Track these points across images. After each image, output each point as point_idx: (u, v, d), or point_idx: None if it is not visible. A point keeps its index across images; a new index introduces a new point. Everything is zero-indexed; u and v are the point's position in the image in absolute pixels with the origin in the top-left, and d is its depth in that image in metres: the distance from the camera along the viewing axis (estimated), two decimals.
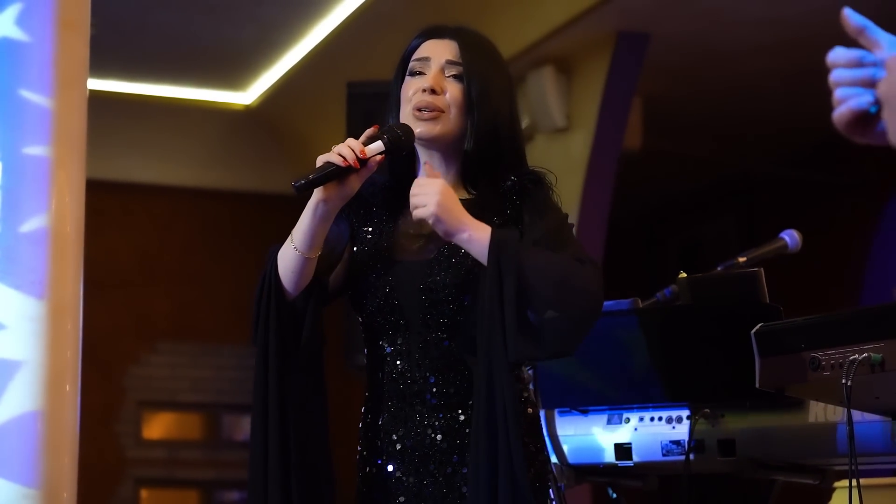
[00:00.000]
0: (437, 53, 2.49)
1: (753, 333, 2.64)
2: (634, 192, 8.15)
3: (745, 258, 3.30)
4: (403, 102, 2.48)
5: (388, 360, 2.42)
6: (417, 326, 2.39)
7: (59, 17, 2.57)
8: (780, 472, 3.05)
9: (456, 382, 2.38)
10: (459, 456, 2.36)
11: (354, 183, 2.37)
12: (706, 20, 6.38)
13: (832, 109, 1.36)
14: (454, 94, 2.45)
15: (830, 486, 3.07)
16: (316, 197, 2.36)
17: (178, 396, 9.00)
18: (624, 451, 3.09)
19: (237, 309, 8.03)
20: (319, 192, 2.35)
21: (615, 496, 3.35)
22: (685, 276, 3.13)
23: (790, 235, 3.42)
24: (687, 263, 4.80)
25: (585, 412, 3.18)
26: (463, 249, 2.38)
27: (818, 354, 2.51)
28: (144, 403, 8.94)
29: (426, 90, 2.45)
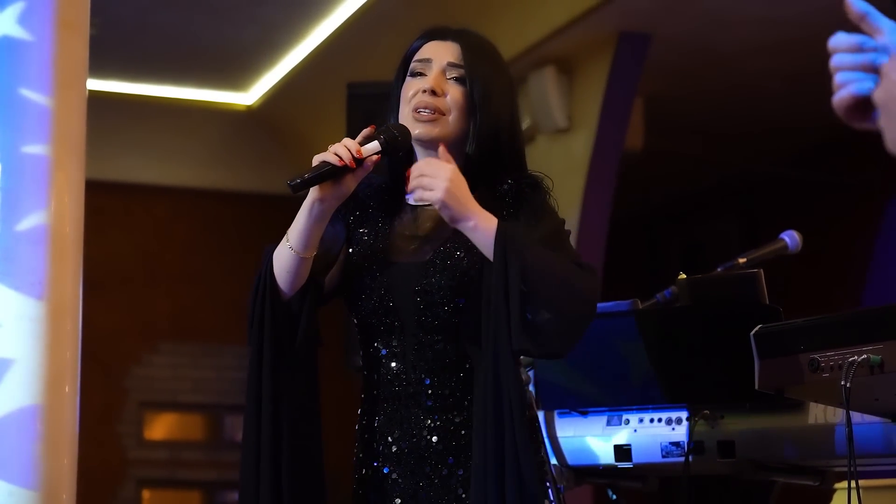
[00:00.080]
0: (438, 55, 2.48)
1: (753, 335, 2.64)
2: (636, 192, 8.15)
3: (745, 259, 3.30)
4: (403, 103, 2.47)
5: (383, 361, 2.41)
6: (413, 328, 2.38)
7: (58, 17, 2.58)
8: (779, 473, 3.05)
9: (451, 384, 2.37)
10: (455, 458, 2.35)
11: (350, 183, 2.36)
12: (707, 21, 6.38)
13: (833, 107, 1.36)
14: (455, 96, 2.44)
15: (830, 487, 3.07)
16: (312, 196, 2.35)
17: (179, 397, 9.00)
18: (623, 452, 3.08)
19: (239, 309, 7.96)
20: (315, 191, 2.35)
21: (615, 497, 3.35)
22: (685, 277, 3.13)
23: (790, 236, 3.42)
24: (688, 264, 4.80)
25: (585, 413, 3.17)
26: (459, 252, 2.38)
27: (817, 356, 2.51)
28: (146, 404, 8.95)
29: (426, 91, 2.44)
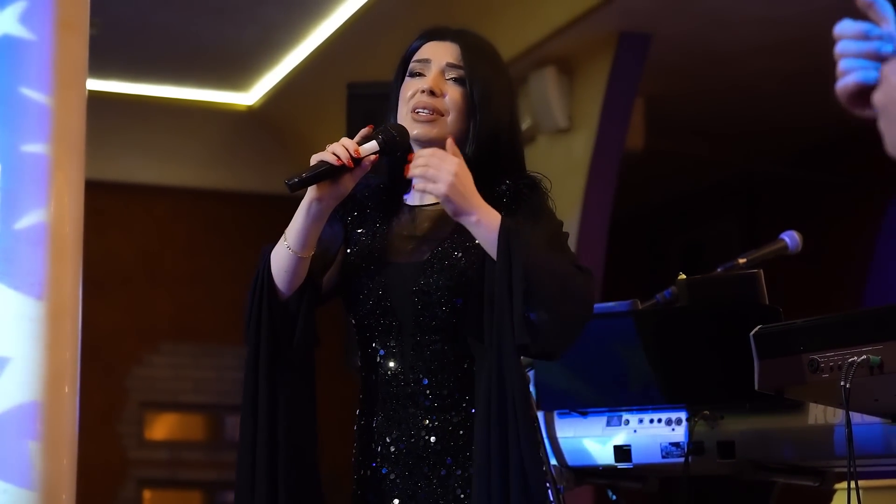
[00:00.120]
0: (437, 56, 2.47)
1: (752, 335, 2.63)
2: (636, 192, 8.15)
3: (745, 259, 3.29)
4: (402, 103, 2.47)
5: (381, 362, 2.40)
6: (410, 328, 2.38)
7: (59, 16, 2.58)
8: (779, 474, 3.05)
9: (449, 384, 2.37)
10: (453, 458, 2.35)
11: (348, 182, 2.36)
12: (707, 21, 6.38)
13: (833, 109, 1.37)
14: (454, 97, 2.44)
15: (830, 487, 3.06)
16: (309, 196, 2.35)
17: (180, 397, 9.00)
18: (623, 452, 3.08)
19: (239, 310, 7.92)
20: (313, 190, 2.34)
21: (615, 498, 3.34)
22: (684, 277, 3.13)
23: (790, 236, 3.42)
24: (688, 264, 4.80)
25: (584, 414, 3.17)
26: (456, 252, 2.38)
27: (817, 356, 2.50)
28: (147, 404, 8.94)
29: (425, 91, 2.43)
